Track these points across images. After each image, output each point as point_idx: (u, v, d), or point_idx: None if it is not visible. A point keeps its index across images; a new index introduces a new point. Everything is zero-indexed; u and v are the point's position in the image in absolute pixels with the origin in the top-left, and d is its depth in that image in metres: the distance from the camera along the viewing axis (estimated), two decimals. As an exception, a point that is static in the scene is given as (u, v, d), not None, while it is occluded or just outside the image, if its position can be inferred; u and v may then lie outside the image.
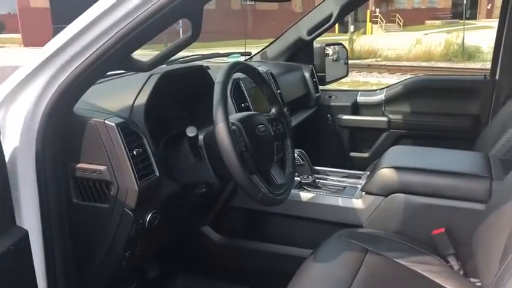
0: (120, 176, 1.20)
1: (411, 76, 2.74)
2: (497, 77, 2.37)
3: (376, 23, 26.51)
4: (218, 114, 1.23)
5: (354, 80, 10.19)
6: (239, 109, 1.75)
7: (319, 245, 1.49)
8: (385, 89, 2.65)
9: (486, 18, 29.17)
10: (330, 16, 2.38)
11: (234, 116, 1.38)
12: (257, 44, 4.01)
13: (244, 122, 1.35)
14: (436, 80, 2.70)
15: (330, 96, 2.73)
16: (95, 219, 1.25)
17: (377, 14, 26.48)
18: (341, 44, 2.93)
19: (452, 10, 30.26)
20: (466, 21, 18.48)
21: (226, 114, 1.24)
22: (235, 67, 1.36)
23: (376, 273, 1.35)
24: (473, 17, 28.43)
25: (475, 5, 29.94)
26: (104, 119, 1.19)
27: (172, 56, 1.11)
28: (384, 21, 26.71)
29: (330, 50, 2.86)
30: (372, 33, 24.67)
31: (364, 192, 1.68)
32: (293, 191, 1.78)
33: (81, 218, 1.24)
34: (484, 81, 2.42)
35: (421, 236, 1.56)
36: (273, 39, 2.66)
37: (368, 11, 25.56)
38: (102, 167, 1.20)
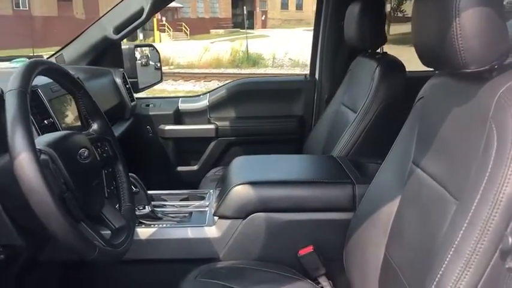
0: None
1: (206, 82, 2.52)
2: (316, 77, 2.36)
3: (164, 31, 26.64)
4: (17, 140, 0.79)
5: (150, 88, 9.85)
6: (40, 128, 1.27)
7: None
8: (208, 94, 2.43)
9: (262, 28, 32.14)
10: (141, 11, 2.01)
11: (41, 140, 0.94)
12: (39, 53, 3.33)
13: (59, 146, 0.92)
14: (259, 82, 2.59)
15: (148, 105, 2.37)
16: None
17: (164, 22, 26.62)
18: (151, 45, 2.59)
19: (233, 20, 32.47)
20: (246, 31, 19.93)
21: (31, 138, 0.81)
22: (36, 67, 0.92)
23: None
24: (251, 27, 30.93)
25: (251, 16, 32.65)
26: None
27: None
28: (171, 29, 27.04)
29: (138, 54, 2.49)
30: (160, 41, 24.65)
31: (217, 217, 1.39)
32: (128, 229, 1.38)
33: None
34: (305, 81, 2.40)
35: (288, 258, 1.36)
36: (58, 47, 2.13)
37: (155, 19, 25.46)
38: None
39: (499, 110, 0.80)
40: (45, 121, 1.29)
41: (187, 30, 28.35)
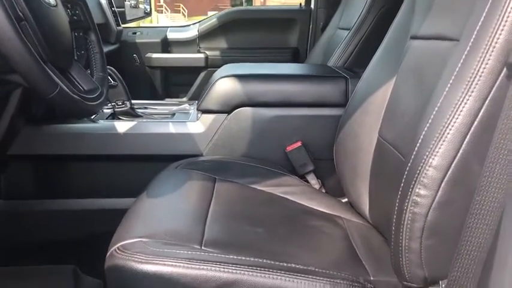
0: None
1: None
2: (312, 6, 2.26)
3: (162, 12, 26.38)
4: None
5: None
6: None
7: (152, 180, 1.07)
8: (198, 24, 2.32)
9: (261, 10, 31.79)
10: None
11: None
12: None
13: None
14: (251, 11, 2.48)
15: (135, 33, 2.26)
16: None
17: (161, 3, 26.35)
18: (140, -24, 2.48)
19: (232, 2, 32.14)
20: (245, 11, 19.71)
21: None
22: None
23: (232, 201, 1.02)
24: (250, 8, 30.63)
25: (250, -2, 32.38)
26: None
27: None
28: (169, 10, 26.77)
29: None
30: (158, 22, 24.41)
31: (200, 112, 1.30)
32: (106, 122, 1.30)
33: None
34: (300, 10, 2.29)
35: (275, 155, 1.28)
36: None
37: (152, 0, 25.20)
38: None
39: None
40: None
41: (185, 11, 28.07)
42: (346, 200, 1.22)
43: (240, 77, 1.27)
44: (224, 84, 1.27)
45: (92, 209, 1.28)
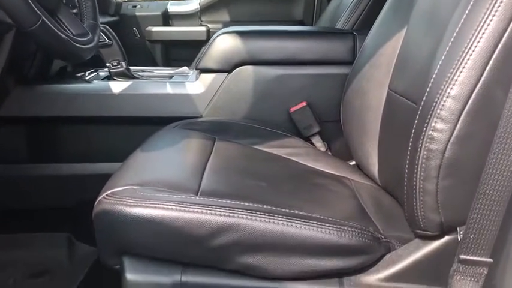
0: None
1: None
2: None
3: (167, 6, 26.40)
4: None
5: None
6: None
7: (148, 138, 1.01)
8: (200, -4, 2.26)
9: None
10: None
11: None
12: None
13: None
14: None
15: (135, 6, 2.20)
16: None
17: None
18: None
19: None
20: None
21: None
22: None
23: (232, 159, 0.95)
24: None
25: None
26: None
27: None
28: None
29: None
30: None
31: (199, 72, 1.24)
32: (100, 83, 1.24)
33: None
34: (305, -19, 2.22)
35: (279, 116, 1.21)
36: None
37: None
38: None
39: None
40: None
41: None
42: (353, 163, 1.15)
43: (241, 34, 1.21)
44: (224, 41, 1.20)
45: (86, 173, 1.22)
